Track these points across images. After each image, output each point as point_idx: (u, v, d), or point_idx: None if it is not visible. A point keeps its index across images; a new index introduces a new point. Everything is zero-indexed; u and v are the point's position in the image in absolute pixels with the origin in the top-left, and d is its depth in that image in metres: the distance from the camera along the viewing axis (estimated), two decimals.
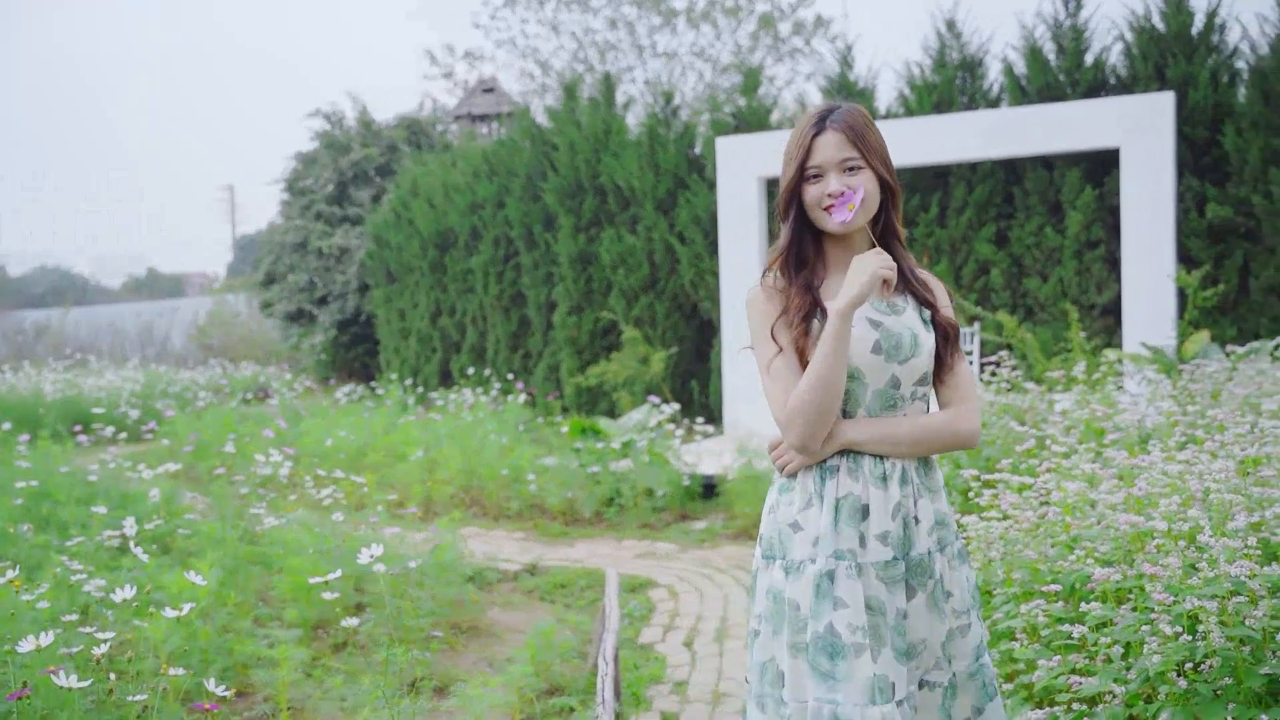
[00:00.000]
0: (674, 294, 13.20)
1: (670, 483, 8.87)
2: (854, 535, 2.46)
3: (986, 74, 11.93)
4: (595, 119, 14.07)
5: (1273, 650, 2.84)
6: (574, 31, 28.46)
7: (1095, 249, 10.93)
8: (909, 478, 2.52)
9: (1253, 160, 10.33)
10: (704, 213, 12.82)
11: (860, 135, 2.51)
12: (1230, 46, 10.91)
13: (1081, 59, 11.28)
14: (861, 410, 2.52)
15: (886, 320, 2.53)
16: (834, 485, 2.49)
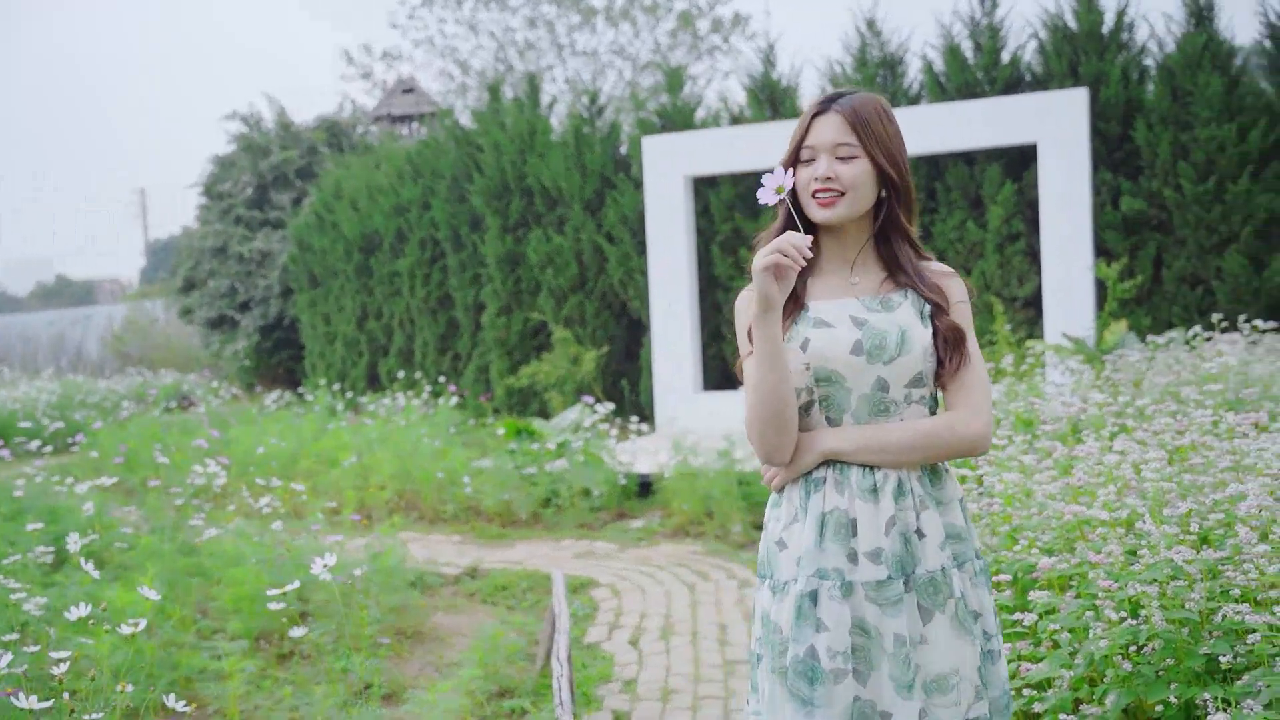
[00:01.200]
0: (603, 293, 13.25)
1: (606, 482, 8.92)
2: (841, 552, 2.28)
3: (907, 72, 12.14)
4: (520, 120, 14.06)
5: (1209, 631, 2.96)
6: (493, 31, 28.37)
7: (1016, 242, 11.18)
8: (907, 489, 2.31)
9: (1163, 154, 10.64)
10: (631, 212, 12.88)
11: (864, 122, 2.32)
12: (1139, 44, 11.23)
13: (998, 57, 11.53)
14: (848, 416, 2.33)
15: (873, 318, 2.34)
16: (819, 499, 2.32)
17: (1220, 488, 3.37)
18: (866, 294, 2.39)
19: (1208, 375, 5.74)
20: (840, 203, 2.33)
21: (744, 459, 8.52)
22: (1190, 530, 3.15)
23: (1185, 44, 10.75)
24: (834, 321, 2.34)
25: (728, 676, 5.15)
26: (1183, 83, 10.69)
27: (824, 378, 2.33)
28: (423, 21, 28.69)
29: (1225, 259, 10.44)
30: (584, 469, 8.99)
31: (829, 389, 2.34)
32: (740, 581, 6.78)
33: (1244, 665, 2.80)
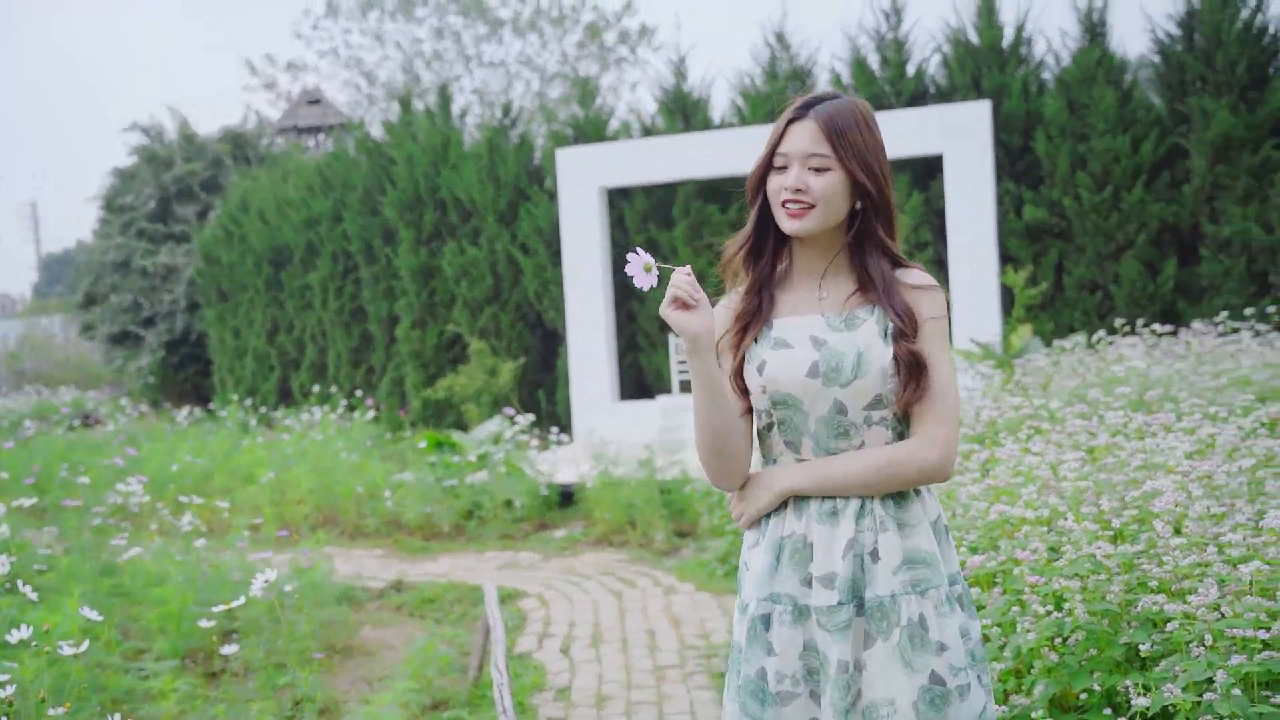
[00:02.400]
0: (518, 305, 13.28)
1: (528, 493, 8.95)
2: (796, 577, 2.24)
3: (816, 84, 12.38)
4: (433, 131, 14.04)
5: (1129, 621, 3.12)
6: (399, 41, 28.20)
7: (924, 251, 11.47)
8: (868, 510, 2.23)
9: (1062, 165, 11.00)
10: (546, 223, 12.93)
11: (840, 132, 2.21)
12: (1038, 58, 11.61)
13: (904, 70, 11.82)
14: (807, 440, 2.26)
15: (833, 338, 2.25)
16: (778, 523, 2.28)
17: (1134, 485, 3.54)
18: (832, 310, 2.29)
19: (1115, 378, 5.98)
20: (809, 215, 2.23)
21: (665, 468, 8.62)
22: (1109, 527, 3.31)
23: (1081, 59, 11.14)
24: (794, 342, 2.27)
25: (660, 682, 5.23)
26: (1079, 96, 11.07)
27: (780, 401, 2.26)
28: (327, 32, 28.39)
29: (1122, 265, 10.82)
30: (506, 480, 9.02)
31: (786, 412, 2.27)
32: (665, 589, 6.87)
33: (1161, 652, 2.96)
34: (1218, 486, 3.39)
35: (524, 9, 27.48)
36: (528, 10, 27.48)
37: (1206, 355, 6.94)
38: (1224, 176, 10.60)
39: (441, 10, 27.76)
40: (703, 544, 7.65)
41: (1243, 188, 10.51)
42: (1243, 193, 10.54)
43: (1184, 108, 10.87)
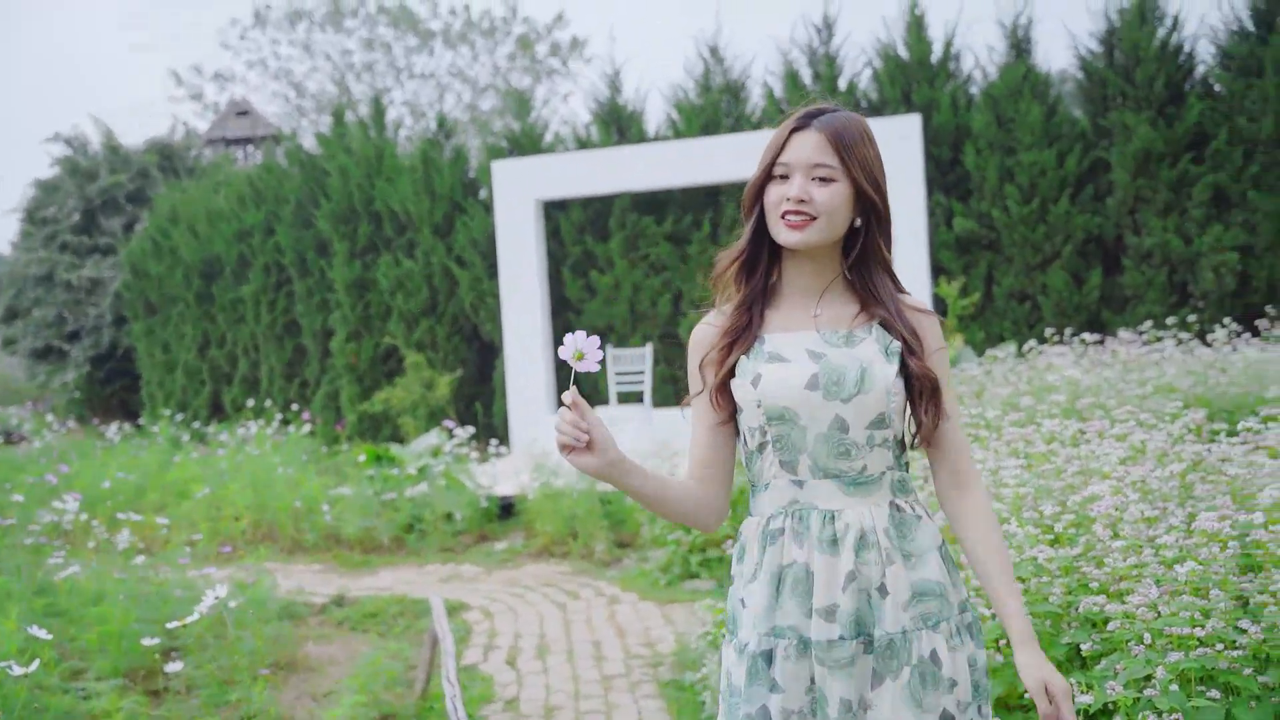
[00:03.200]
0: (454, 317, 13.25)
1: (469, 505, 8.95)
2: (799, 609, 2.11)
3: (749, 97, 12.53)
4: (367, 144, 13.97)
5: (1069, 622, 3.23)
6: (329, 53, 28.01)
7: None
8: (871, 541, 2.11)
9: (990, 178, 11.24)
10: (482, 236, 12.93)
11: (847, 145, 2.12)
12: (965, 73, 11.86)
13: (835, 84, 12.01)
14: (804, 459, 2.13)
15: (832, 353, 2.14)
16: (776, 552, 2.14)
17: (1072, 491, 3.66)
18: (829, 327, 2.19)
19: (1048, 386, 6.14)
20: (810, 227, 2.12)
21: None
22: (1050, 531, 3.42)
23: (1007, 74, 11.40)
24: (789, 356, 2.16)
25: (607, 692, 5.27)
26: (1006, 110, 11.33)
27: (776, 416, 2.13)
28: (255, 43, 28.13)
29: (1049, 276, 11.08)
30: (446, 493, 9.00)
31: (783, 428, 2.14)
32: (609, 599, 6.91)
33: (1102, 651, 3.06)
34: (1151, 491, 3.51)
35: (455, 21, 27.46)
36: (458, 22, 27.45)
37: (1133, 363, 7.15)
38: (1145, 189, 10.90)
39: (371, 22, 27.65)
40: (644, 554, 7.70)
41: (1162, 200, 10.82)
42: (1162, 205, 10.84)
43: (1106, 122, 11.16)
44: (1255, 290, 10.63)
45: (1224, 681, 2.78)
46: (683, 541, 7.15)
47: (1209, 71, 11.13)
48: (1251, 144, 10.69)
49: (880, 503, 2.14)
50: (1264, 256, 10.59)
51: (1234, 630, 2.80)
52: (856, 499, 2.13)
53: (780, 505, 2.16)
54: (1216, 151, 10.71)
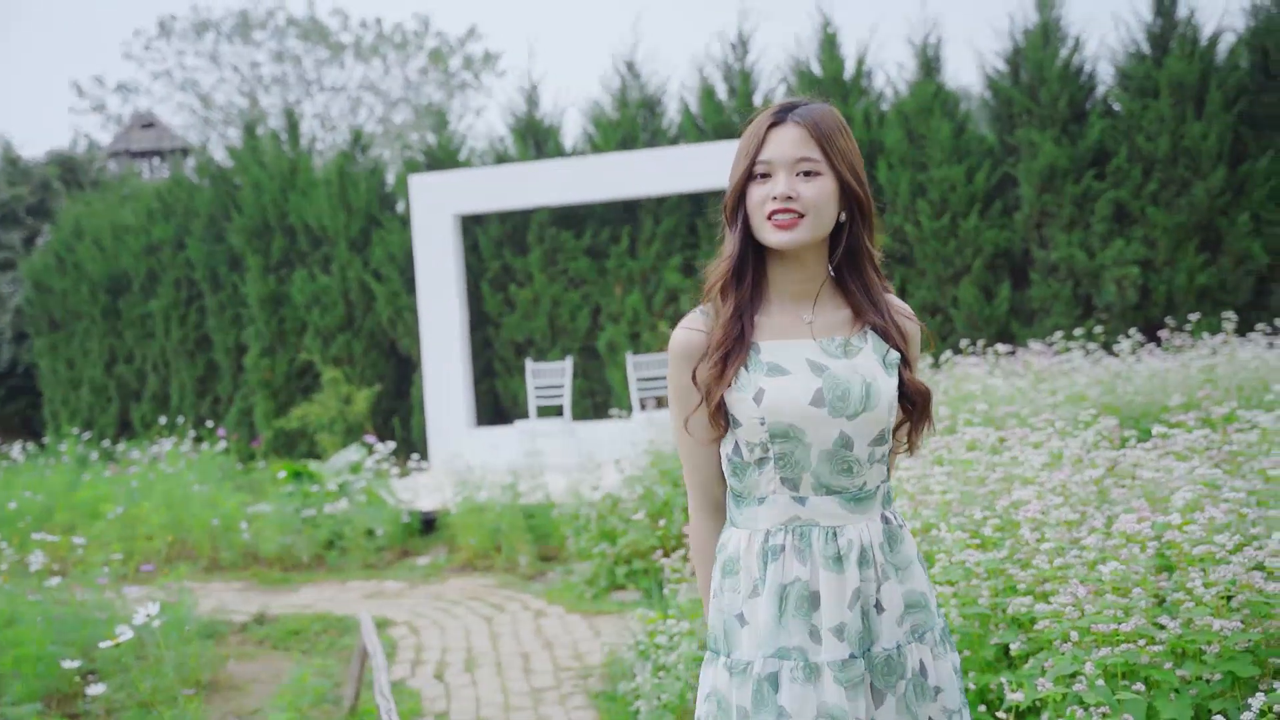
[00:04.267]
0: (372, 332, 13.15)
1: (390, 521, 8.89)
2: (803, 629, 2.04)
3: (666, 112, 12.64)
4: (280, 157, 13.82)
5: (998, 623, 3.34)
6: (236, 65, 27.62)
7: None
8: (870, 557, 2.08)
9: (903, 193, 11.49)
10: (399, 250, 12.86)
11: (827, 136, 2.04)
12: (878, 90, 12.11)
13: (751, 100, 12.17)
14: (807, 476, 2.06)
15: (833, 365, 2.07)
16: (778, 569, 2.06)
17: (996, 496, 3.78)
18: (824, 334, 2.11)
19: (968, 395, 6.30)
20: (801, 225, 2.03)
21: (528, 492, 8.67)
22: (978, 535, 3.53)
23: (918, 91, 11.66)
24: (789, 368, 2.07)
25: (537, 704, 5.28)
26: (917, 127, 11.59)
27: (780, 433, 2.04)
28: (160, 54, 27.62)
29: (960, 289, 11.35)
30: (367, 509, 8.93)
31: (786, 445, 2.05)
32: (535, 612, 6.92)
33: (1030, 650, 3.17)
34: (1072, 495, 3.65)
35: (366, 34, 27.26)
36: (370, 35, 27.27)
37: (1045, 373, 7.36)
38: (1050, 205, 11.22)
39: (281, 34, 27.33)
40: (569, 567, 7.72)
41: (1067, 216, 11.15)
42: (1067, 220, 11.17)
43: (1013, 140, 11.47)
44: (1155, 303, 11.00)
45: (1145, 676, 2.90)
46: (608, 554, 7.18)
47: (1109, 91, 11.50)
48: (1150, 162, 11.06)
49: (875, 517, 2.10)
50: (1163, 270, 10.96)
51: (1154, 627, 2.92)
52: (856, 515, 2.07)
53: (779, 521, 2.08)
54: (1117, 168, 11.07)
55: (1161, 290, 10.94)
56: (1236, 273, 10.90)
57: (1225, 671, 2.84)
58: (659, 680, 4.40)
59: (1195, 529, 3.05)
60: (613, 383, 12.25)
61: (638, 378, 11.56)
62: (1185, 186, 10.97)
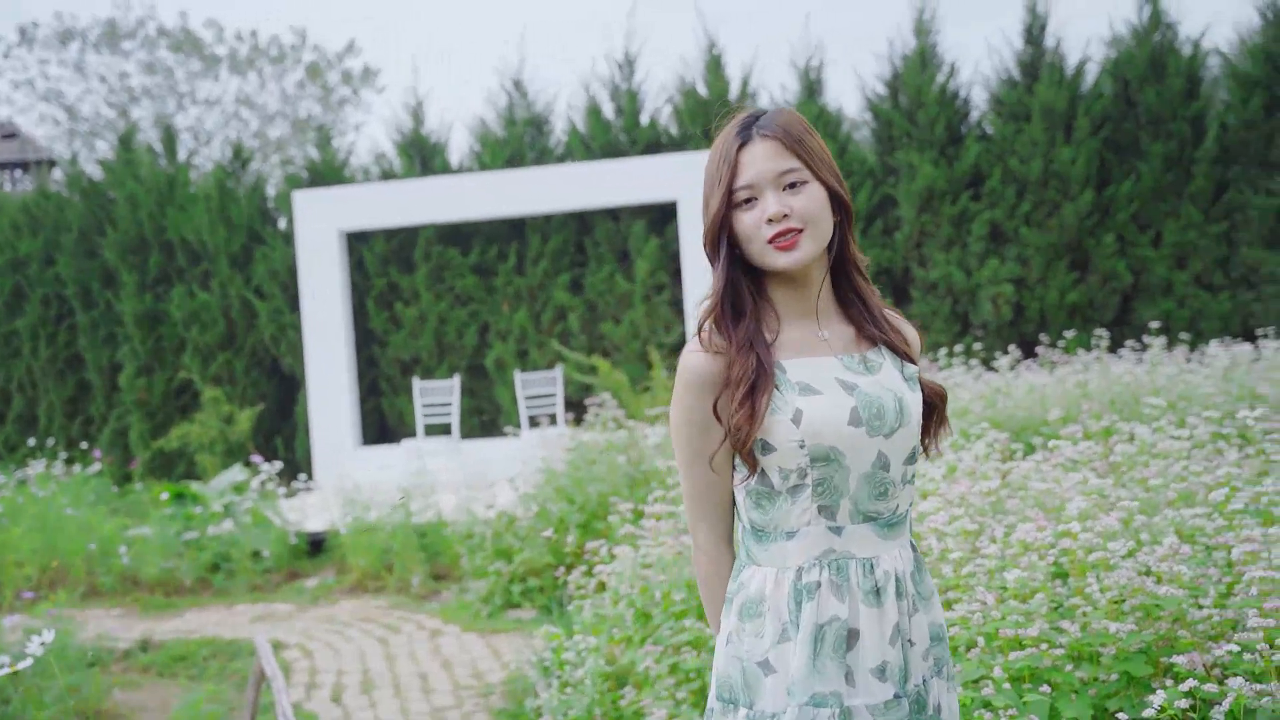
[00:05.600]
0: (254, 350, 12.88)
1: (277, 542, 8.73)
2: (839, 671, 1.89)
3: (553, 131, 12.68)
4: (156, 171, 13.46)
5: None
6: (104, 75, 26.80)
7: (661, 293, 11.91)
8: (905, 589, 1.95)
9: None
10: (282, 267, 12.64)
11: (799, 141, 1.93)
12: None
13: (638, 119, 12.29)
14: (845, 503, 1.92)
15: (861, 381, 1.95)
16: (813, 609, 1.90)
17: None
18: (843, 351, 2.00)
19: None
20: (803, 241, 1.92)
21: (419, 511, 8.59)
22: None
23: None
24: (820, 387, 1.93)
25: None
26: None
27: (821, 456, 1.90)
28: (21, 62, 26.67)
29: None
30: (253, 530, 8.75)
31: (826, 469, 1.90)
32: (431, 632, 6.86)
33: None
34: (971, 506, 3.77)
35: (241, 46, 26.72)
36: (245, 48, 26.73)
37: None
38: (929, 224, 11.56)
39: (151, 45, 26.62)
40: (463, 586, 7.67)
41: (945, 235, 11.49)
42: (945, 240, 11.52)
43: (893, 161, 11.79)
44: (1029, 320, 11.39)
45: (1048, 678, 3.01)
46: (503, 572, 7.16)
47: (984, 116, 11.91)
48: (1022, 184, 11.48)
49: (905, 544, 1.99)
50: (1036, 288, 11.37)
51: (1055, 631, 3.04)
52: (890, 542, 1.95)
53: (813, 556, 1.92)
54: (992, 190, 11.46)
55: (1035, 307, 11.34)
56: (1104, 291, 11.36)
57: (1121, 672, 2.97)
58: (566, 696, 4.40)
59: (1089, 536, 3.18)
60: (501, 401, 12.21)
61: (526, 395, 11.55)
62: (1055, 208, 11.40)
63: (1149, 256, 11.26)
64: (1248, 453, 4.38)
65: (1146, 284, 11.33)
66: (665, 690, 3.85)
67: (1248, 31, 11.76)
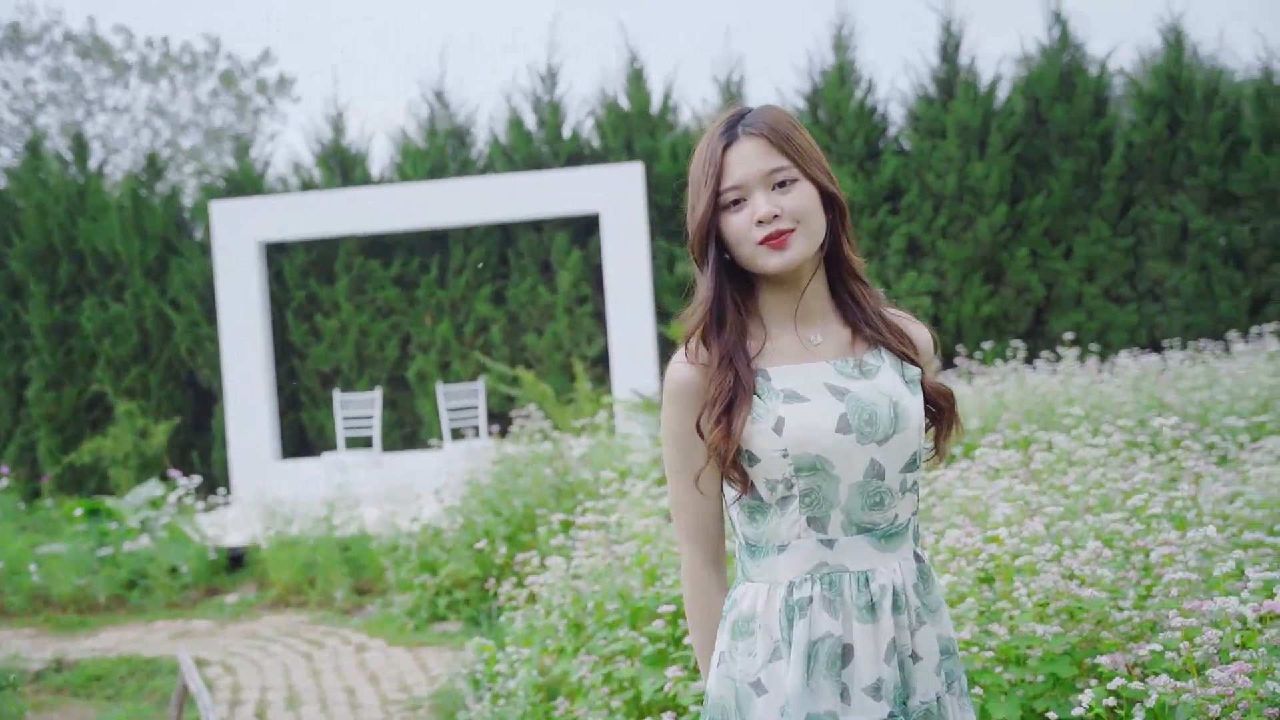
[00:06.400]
0: (169, 363, 12.64)
1: (196, 558, 8.58)
2: (834, 689, 1.84)
3: (475, 143, 12.66)
4: (66, 180, 13.16)
5: None
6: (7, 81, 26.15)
7: (584, 305, 11.94)
8: (904, 601, 1.87)
9: None
10: (199, 278, 12.43)
11: (787, 138, 1.87)
12: (684, 124, 12.43)
13: (560, 131, 12.32)
14: (836, 514, 1.85)
15: (854, 386, 1.87)
16: (805, 625, 1.84)
17: None
18: (836, 356, 1.92)
19: None
20: (795, 240, 1.86)
21: (342, 524, 8.50)
22: None
23: None
24: (807, 394, 1.87)
25: None
26: None
27: (807, 466, 1.84)
28: None
29: None
30: (170, 546, 8.59)
31: (814, 479, 1.85)
32: (357, 646, 6.80)
33: None
34: None
35: (152, 54, 26.24)
36: (156, 55, 26.26)
37: None
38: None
39: (57, 50, 26.04)
40: (388, 599, 7.61)
41: (864, 248, 11.68)
42: (864, 253, 11.71)
43: None
44: (945, 332, 11.62)
45: (978, 680, 3.09)
46: (429, 585, 7.12)
47: (901, 131, 12.13)
48: (939, 198, 11.71)
49: (906, 555, 1.91)
50: (952, 301, 11.60)
51: (984, 634, 3.12)
52: (888, 554, 1.88)
53: (804, 570, 1.86)
54: (910, 204, 11.68)
55: (951, 319, 11.57)
56: (1018, 303, 11.63)
57: (1048, 673, 3.06)
58: (498, 708, 4.40)
59: (1015, 542, 3.27)
60: (423, 413, 12.13)
61: (449, 407, 11.49)
62: (970, 222, 11.65)
63: (1060, 269, 11.55)
64: (1160, 459, 4.52)
65: (1058, 296, 11.62)
66: (599, 699, 3.87)
67: (1149, 53, 12.15)
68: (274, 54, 27.64)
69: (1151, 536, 3.28)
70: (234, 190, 12.66)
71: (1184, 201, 11.37)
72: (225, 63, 26.69)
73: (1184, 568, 3.07)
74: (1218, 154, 11.27)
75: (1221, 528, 3.57)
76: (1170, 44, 11.74)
